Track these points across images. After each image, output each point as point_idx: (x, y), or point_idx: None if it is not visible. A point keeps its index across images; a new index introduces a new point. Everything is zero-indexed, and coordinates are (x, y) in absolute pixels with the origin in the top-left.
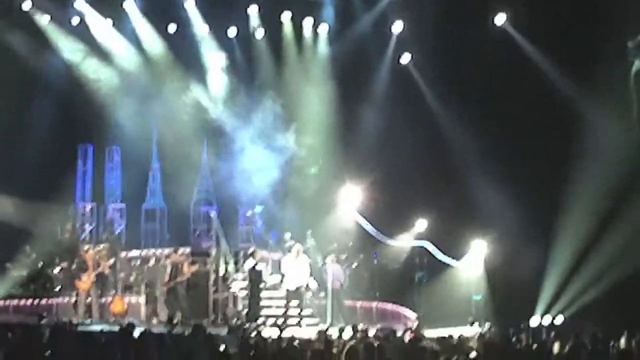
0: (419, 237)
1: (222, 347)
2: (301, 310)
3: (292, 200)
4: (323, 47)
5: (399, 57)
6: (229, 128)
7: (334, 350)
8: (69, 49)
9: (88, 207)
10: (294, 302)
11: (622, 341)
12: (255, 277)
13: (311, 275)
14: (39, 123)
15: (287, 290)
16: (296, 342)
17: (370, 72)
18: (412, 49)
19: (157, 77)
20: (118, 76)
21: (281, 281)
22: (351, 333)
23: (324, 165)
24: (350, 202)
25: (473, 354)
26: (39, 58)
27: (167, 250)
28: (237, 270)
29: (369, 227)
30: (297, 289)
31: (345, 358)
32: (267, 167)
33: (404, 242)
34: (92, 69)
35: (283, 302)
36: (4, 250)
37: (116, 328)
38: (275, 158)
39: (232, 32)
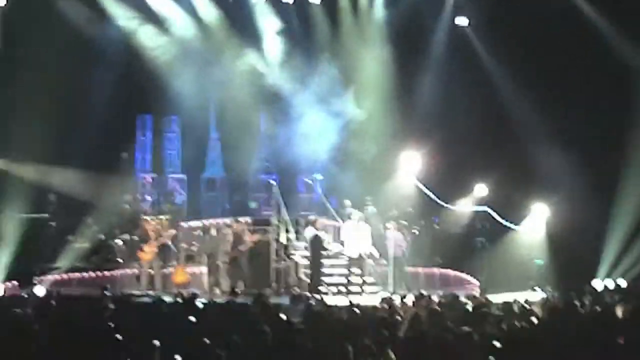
0: (479, 201)
1: (284, 316)
2: (363, 278)
3: (352, 166)
4: (379, 10)
5: (455, 19)
6: (287, 94)
7: (397, 317)
8: (124, 17)
9: (148, 178)
10: (356, 270)
11: None
12: (316, 246)
13: (372, 242)
14: (98, 94)
15: (349, 258)
16: (359, 310)
17: (427, 35)
18: (469, 12)
19: (214, 45)
20: (174, 44)
21: (342, 249)
22: (414, 300)
23: (381, 130)
24: (409, 167)
25: (535, 319)
26: (95, 27)
27: (228, 220)
28: (298, 239)
29: (428, 193)
30: (359, 256)
31: (408, 325)
32: (326, 132)
33: (464, 207)
34: (148, 38)
35: (345, 270)
36: (67, 222)
37: (179, 299)
38: (333, 123)
39: None
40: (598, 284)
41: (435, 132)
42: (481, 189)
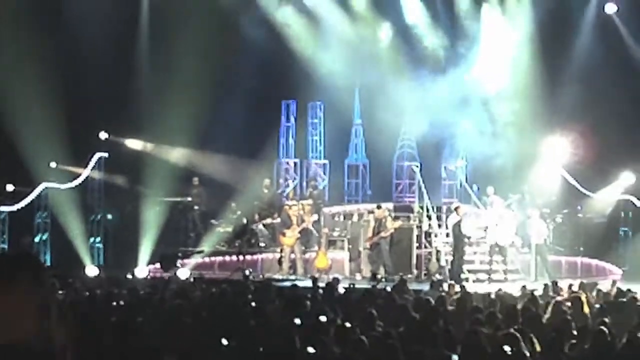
0: (626, 190)
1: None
2: (505, 266)
3: (495, 153)
4: None
5: (603, 6)
6: (428, 69)
7: (539, 305)
8: (268, 3)
9: (291, 163)
10: (498, 257)
11: None
12: (458, 233)
13: (515, 230)
14: (243, 79)
15: (491, 245)
16: (500, 298)
17: (573, 20)
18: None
19: (358, 29)
20: (319, 30)
21: (484, 236)
22: (556, 288)
23: (524, 117)
24: (554, 154)
25: None
26: (240, 13)
27: (370, 206)
28: (439, 226)
29: (572, 181)
30: (501, 244)
31: (551, 313)
32: (468, 112)
33: (609, 196)
34: (292, 23)
35: (487, 258)
36: (210, 206)
37: (321, 284)
38: (475, 101)
39: None
40: None
41: (580, 119)
42: (628, 177)
